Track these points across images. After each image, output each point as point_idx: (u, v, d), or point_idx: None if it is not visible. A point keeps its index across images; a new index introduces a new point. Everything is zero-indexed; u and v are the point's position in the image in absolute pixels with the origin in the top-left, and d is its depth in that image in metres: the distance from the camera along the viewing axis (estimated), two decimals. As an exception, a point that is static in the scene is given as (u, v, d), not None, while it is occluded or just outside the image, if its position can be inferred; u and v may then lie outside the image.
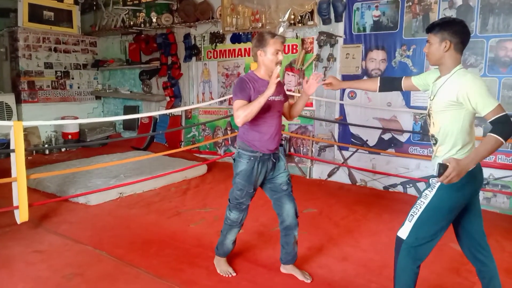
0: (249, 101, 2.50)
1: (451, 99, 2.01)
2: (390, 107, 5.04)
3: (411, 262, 2.11)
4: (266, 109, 2.55)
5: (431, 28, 2.11)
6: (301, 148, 5.92)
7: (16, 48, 7.32)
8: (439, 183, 2.07)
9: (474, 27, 4.42)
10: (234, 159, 2.73)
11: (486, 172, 4.43)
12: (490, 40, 4.35)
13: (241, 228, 2.90)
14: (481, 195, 4.48)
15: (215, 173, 5.89)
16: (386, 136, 5.16)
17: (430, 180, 2.16)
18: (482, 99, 1.95)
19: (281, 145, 5.50)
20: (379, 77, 2.54)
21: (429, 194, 2.11)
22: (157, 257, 3.19)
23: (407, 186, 5.02)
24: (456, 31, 2.05)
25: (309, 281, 2.81)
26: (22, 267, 3.01)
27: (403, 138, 5.03)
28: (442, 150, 2.14)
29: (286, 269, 2.93)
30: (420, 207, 2.11)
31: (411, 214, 2.13)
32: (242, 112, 2.45)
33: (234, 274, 2.87)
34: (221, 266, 2.93)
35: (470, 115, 2.05)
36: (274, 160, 2.73)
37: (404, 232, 2.13)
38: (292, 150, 5.96)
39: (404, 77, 2.46)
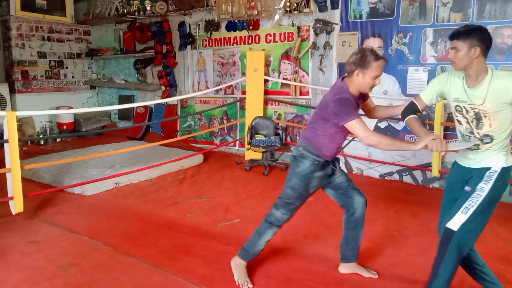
0: None
1: (508, 98, 2.08)
2: (387, 95, 5.02)
3: (458, 254, 2.11)
4: None
5: (457, 35, 2.15)
6: (298, 137, 5.91)
7: (9, 37, 7.22)
8: (495, 176, 2.13)
9: (471, 14, 4.39)
10: (295, 157, 2.61)
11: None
12: (487, 27, 4.31)
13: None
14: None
15: (212, 163, 5.88)
16: (382, 125, 5.15)
17: (488, 173, 2.17)
18: None
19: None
20: (403, 109, 2.51)
21: (486, 187, 2.13)
22: (153, 246, 3.19)
23: (403, 174, 5.03)
24: (484, 38, 2.12)
25: (376, 277, 2.75)
26: (17, 258, 3.00)
27: (399, 126, 5.02)
28: (495, 144, 2.19)
29: (349, 267, 2.79)
30: (477, 200, 2.12)
31: (466, 207, 2.12)
32: (379, 139, 2.27)
33: (251, 287, 2.62)
34: (240, 274, 2.66)
35: None
36: (334, 167, 2.64)
37: (455, 224, 2.10)
38: (288, 139, 5.94)
39: (414, 102, 2.44)
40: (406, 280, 2.72)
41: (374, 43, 5.06)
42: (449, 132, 4.65)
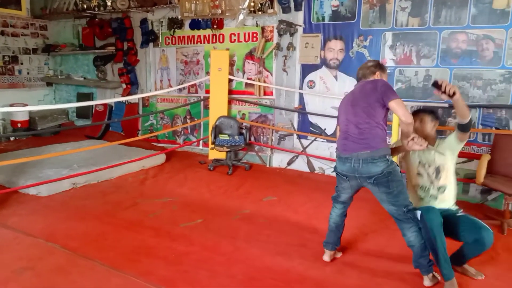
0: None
1: (452, 154, 2.86)
2: (348, 97, 5.13)
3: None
4: None
5: (426, 112, 2.95)
6: (261, 137, 5.94)
7: (-42, 30, 6.84)
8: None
9: (428, 19, 4.56)
10: (390, 172, 2.60)
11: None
12: (443, 32, 4.51)
13: None
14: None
15: (174, 163, 5.80)
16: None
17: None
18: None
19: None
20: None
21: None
22: (113, 248, 3.11)
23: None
24: (438, 116, 3.02)
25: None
26: (-34, 263, 2.84)
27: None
28: (449, 191, 2.86)
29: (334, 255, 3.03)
30: None
31: None
32: (410, 119, 2.59)
33: None
34: None
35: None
36: None
37: None
38: (252, 139, 5.96)
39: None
40: (364, 277, 2.79)
41: (336, 45, 5.16)
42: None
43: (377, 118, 2.64)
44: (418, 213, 2.66)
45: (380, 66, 2.88)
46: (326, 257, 2.99)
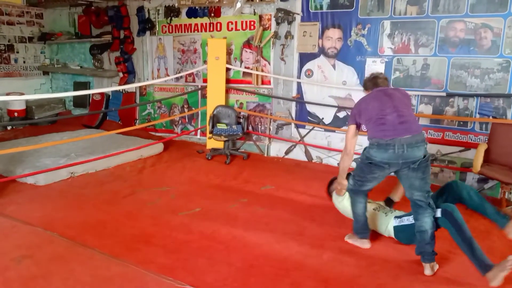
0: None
1: None
2: (345, 86, 5.13)
3: None
4: None
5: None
6: (259, 126, 5.93)
7: (-47, 19, 6.75)
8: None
9: (426, 8, 4.54)
10: (429, 157, 2.74)
11: (434, 148, 4.64)
12: (441, 20, 4.49)
13: None
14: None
15: (172, 152, 5.80)
16: (341, 114, 5.26)
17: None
18: None
19: (239, 123, 5.49)
20: None
21: None
22: (111, 237, 3.12)
23: (361, 162, 5.16)
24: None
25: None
26: (-35, 251, 2.85)
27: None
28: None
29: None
30: None
31: None
32: None
33: None
34: None
35: None
36: None
37: None
38: (250, 128, 5.95)
39: None
40: (361, 265, 2.82)
41: (334, 34, 5.13)
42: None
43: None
44: (439, 211, 2.70)
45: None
46: (368, 245, 3.05)
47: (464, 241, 2.58)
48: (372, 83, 3.09)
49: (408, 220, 2.92)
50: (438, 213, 2.70)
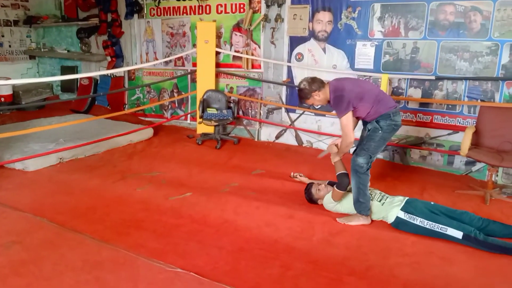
0: None
1: None
2: (336, 69, 5.12)
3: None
4: None
5: None
6: (250, 111, 5.92)
7: None
8: None
9: (417, -10, 4.52)
10: None
11: (423, 132, 4.68)
12: (431, 3, 4.47)
13: None
14: (418, 153, 4.75)
15: (162, 137, 5.77)
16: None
17: None
18: None
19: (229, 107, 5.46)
20: None
21: None
22: (102, 222, 3.12)
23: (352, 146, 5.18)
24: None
25: None
26: (-47, 238, 2.83)
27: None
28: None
29: None
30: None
31: None
32: None
33: None
34: None
35: None
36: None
37: None
38: (240, 112, 5.94)
39: None
40: (351, 246, 2.86)
41: (324, 17, 5.10)
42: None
43: None
44: (460, 234, 2.85)
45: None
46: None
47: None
48: (318, 80, 3.21)
49: (422, 222, 2.97)
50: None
